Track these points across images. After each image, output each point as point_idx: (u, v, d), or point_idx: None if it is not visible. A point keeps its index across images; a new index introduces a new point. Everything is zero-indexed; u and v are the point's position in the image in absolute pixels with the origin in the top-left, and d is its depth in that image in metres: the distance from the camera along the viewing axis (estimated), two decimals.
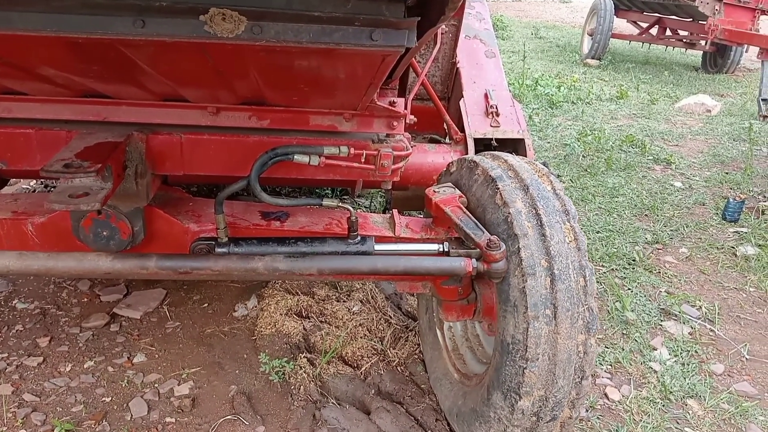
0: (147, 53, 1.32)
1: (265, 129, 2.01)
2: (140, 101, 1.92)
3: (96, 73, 1.54)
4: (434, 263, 2.00)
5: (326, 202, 1.97)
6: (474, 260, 1.95)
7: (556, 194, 2.02)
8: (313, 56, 1.32)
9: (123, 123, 1.94)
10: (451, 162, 2.34)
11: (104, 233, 1.97)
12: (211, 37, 1.16)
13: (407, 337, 2.99)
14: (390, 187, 2.27)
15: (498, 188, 2.00)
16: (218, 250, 1.99)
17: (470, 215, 2.06)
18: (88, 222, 1.95)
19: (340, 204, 1.99)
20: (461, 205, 2.11)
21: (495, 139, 2.77)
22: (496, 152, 2.29)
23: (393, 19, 1.20)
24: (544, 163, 2.32)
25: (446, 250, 2.07)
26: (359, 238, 2.04)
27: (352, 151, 1.96)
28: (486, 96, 2.96)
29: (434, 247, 2.08)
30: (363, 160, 2.00)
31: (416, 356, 2.86)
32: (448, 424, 2.47)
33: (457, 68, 3.19)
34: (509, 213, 1.93)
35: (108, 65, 1.45)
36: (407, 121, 2.11)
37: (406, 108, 2.07)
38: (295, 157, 1.91)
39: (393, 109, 1.99)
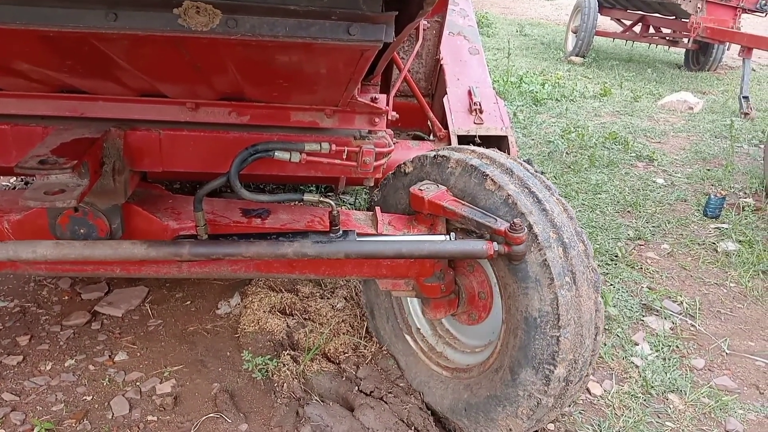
0: (121, 47, 1.30)
1: (245, 125, 1.99)
2: (118, 97, 1.89)
3: (70, 67, 1.51)
4: (457, 246, 2.03)
5: (307, 197, 1.97)
6: (495, 243, 1.98)
7: (532, 174, 2.11)
8: (291, 51, 1.31)
9: (100, 119, 1.91)
10: (403, 163, 2.34)
11: (81, 230, 1.95)
12: (186, 31, 1.15)
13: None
14: (372, 184, 2.26)
15: (486, 174, 2.04)
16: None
17: (472, 206, 2.08)
18: (65, 219, 1.93)
19: (322, 199, 1.98)
20: (457, 199, 2.13)
21: (478, 136, 2.78)
22: (455, 146, 2.35)
23: (370, 13, 1.19)
24: (527, 160, 2.33)
25: (454, 240, 2.11)
26: (341, 232, 2.04)
27: (334, 147, 1.95)
28: (470, 93, 2.97)
29: (441, 238, 2.12)
30: (345, 157, 1.99)
31: (385, 351, 2.86)
32: (437, 420, 2.47)
33: (441, 65, 3.19)
34: (508, 194, 1.99)
35: (82, 59, 1.43)
36: (389, 117, 2.10)
37: (388, 104, 2.06)
38: (276, 153, 1.90)
39: (375, 105, 1.98)
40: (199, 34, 1.15)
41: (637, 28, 11.00)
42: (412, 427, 2.44)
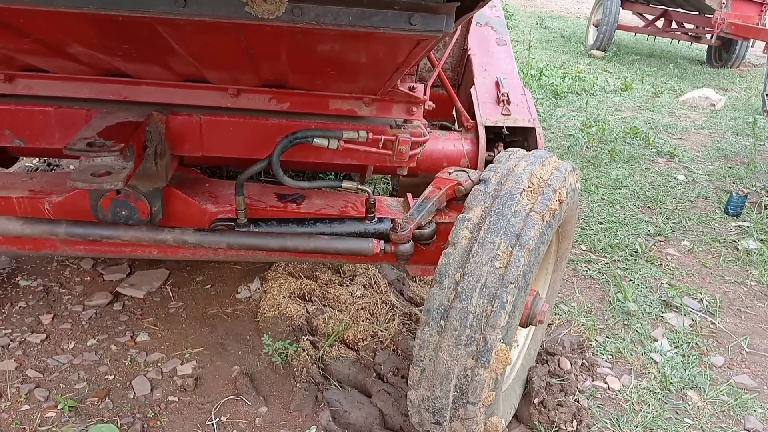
0: (183, 33, 1.31)
1: (284, 112, 2.00)
2: (161, 81, 1.91)
3: (125, 51, 1.52)
4: (343, 243, 2.00)
5: (346, 184, 1.99)
6: (382, 242, 1.96)
7: (527, 215, 1.87)
8: (350, 39, 1.31)
9: (143, 103, 1.93)
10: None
11: (123, 212, 1.98)
12: (252, 18, 1.15)
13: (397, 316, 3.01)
14: (405, 173, 2.26)
15: (472, 191, 1.99)
16: (238, 231, 2.01)
17: (433, 201, 2.06)
18: (107, 201, 1.96)
19: (360, 187, 2.00)
20: (440, 189, 2.11)
21: (506, 127, 2.76)
22: (524, 153, 2.18)
23: (433, 3, 1.19)
24: None
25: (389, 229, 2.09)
26: (376, 219, 2.06)
27: (371, 135, 1.96)
28: (497, 84, 2.94)
29: (384, 226, 2.10)
30: (381, 146, 2.00)
31: (404, 332, 2.86)
32: None
33: (468, 55, 3.16)
34: (459, 218, 1.92)
35: (140, 44, 1.43)
36: (426, 107, 2.10)
37: (425, 94, 2.06)
38: (315, 140, 1.92)
39: (413, 94, 1.99)
40: (264, 22, 1.16)
41: (660, 23, 10.87)
42: None
